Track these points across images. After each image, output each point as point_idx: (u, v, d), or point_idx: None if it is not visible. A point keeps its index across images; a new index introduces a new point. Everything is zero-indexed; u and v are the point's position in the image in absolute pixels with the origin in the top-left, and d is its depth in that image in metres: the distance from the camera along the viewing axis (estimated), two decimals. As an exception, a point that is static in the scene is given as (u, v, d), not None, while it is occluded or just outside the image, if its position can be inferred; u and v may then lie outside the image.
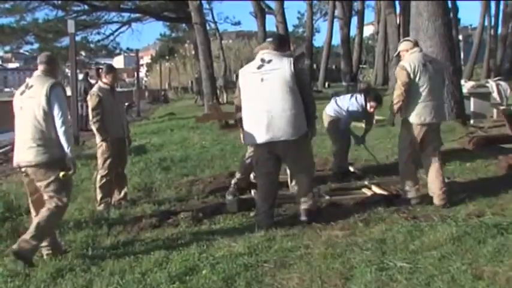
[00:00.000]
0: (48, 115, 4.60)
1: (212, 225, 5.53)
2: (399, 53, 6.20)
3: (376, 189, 6.56)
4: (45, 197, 4.71)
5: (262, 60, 5.34)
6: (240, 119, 5.59)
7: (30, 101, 4.65)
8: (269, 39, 5.66)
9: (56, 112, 4.62)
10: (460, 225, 4.96)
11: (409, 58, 5.97)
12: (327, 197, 6.30)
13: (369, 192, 6.53)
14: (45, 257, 4.70)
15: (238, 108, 5.63)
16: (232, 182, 6.60)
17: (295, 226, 5.35)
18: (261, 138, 5.30)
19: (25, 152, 4.61)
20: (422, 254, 4.32)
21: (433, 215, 5.35)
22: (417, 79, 5.85)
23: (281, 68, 5.23)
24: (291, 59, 5.34)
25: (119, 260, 4.57)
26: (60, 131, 4.61)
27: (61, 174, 4.61)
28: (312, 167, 5.73)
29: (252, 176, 6.73)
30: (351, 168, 7.67)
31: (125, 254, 4.72)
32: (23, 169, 4.72)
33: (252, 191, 6.56)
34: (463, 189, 6.30)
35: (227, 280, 4.04)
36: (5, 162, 9.84)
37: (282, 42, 5.60)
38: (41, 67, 4.85)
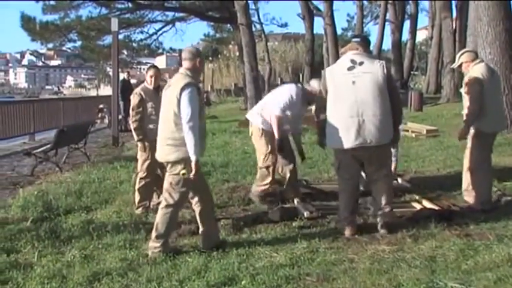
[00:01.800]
0: (178, 117, 4.76)
1: (253, 234, 5.54)
2: (461, 64, 6.35)
3: (427, 204, 6.44)
4: (163, 191, 5.04)
5: (353, 61, 5.31)
6: (322, 121, 5.54)
7: (165, 99, 4.94)
8: (356, 40, 5.63)
9: (184, 115, 4.74)
10: (518, 245, 4.81)
11: (477, 69, 6.15)
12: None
13: (418, 206, 6.41)
14: (150, 254, 4.89)
15: (321, 109, 5.56)
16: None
17: (339, 238, 5.32)
18: (349, 143, 5.28)
19: (160, 148, 5.01)
20: (475, 275, 4.21)
21: (488, 234, 5.21)
22: (488, 89, 6.07)
23: (373, 71, 5.25)
24: (383, 62, 5.38)
25: (157, 266, 4.62)
26: (186, 134, 4.75)
27: (182, 171, 4.84)
28: (391, 176, 5.74)
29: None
30: (399, 180, 7.55)
31: (163, 260, 4.76)
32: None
33: (295, 200, 6.54)
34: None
35: (267, 292, 4.03)
36: (45, 161, 10.07)
37: (368, 44, 5.68)
38: (184, 64, 4.96)
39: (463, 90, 6.31)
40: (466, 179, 6.37)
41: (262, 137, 6.57)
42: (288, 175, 6.76)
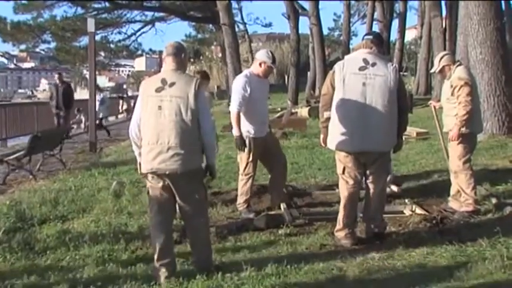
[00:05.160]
0: (196, 117, 4.52)
1: (238, 243, 5.53)
2: (443, 67, 6.44)
3: (417, 209, 6.48)
4: (188, 207, 4.64)
5: (365, 61, 5.23)
6: (327, 119, 5.45)
7: (174, 101, 4.48)
8: (368, 37, 5.53)
9: (204, 115, 4.60)
10: None
11: (461, 71, 6.26)
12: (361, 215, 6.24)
13: (408, 212, 6.45)
14: (162, 280, 4.51)
15: (326, 107, 5.43)
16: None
17: (326, 245, 5.34)
18: (353, 146, 5.25)
19: (168, 159, 4.44)
20: (468, 282, 4.25)
21: (480, 239, 5.25)
22: (474, 90, 6.28)
23: (386, 74, 5.19)
24: (396, 65, 5.36)
25: (137, 277, 4.59)
26: (210, 138, 4.67)
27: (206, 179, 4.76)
28: (386, 186, 5.77)
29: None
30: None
31: (144, 271, 4.74)
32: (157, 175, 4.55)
33: (282, 207, 6.55)
34: (515, 212, 6.19)
35: (253, 303, 4.04)
36: (18, 168, 9.99)
37: (382, 42, 5.62)
38: (175, 59, 4.67)
39: (448, 93, 6.37)
40: (455, 184, 6.44)
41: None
42: (271, 181, 6.84)
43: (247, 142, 6.47)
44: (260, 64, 6.45)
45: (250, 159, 6.55)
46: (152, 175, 4.54)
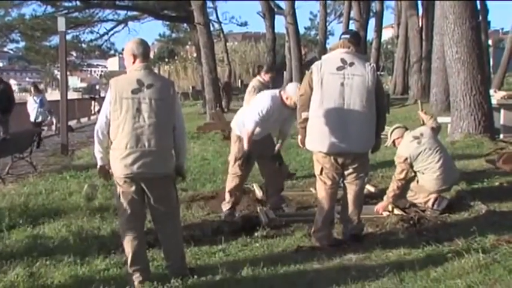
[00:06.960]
0: (173, 120, 4.57)
1: (213, 245, 5.50)
2: (393, 141, 6.88)
3: (395, 210, 6.54)
4: (162, 211, 4.59)
5: (343, 61, 5.22)
6: (304, 120, 5.43)
7: (154, 103, 4.44)
8: (346, 36, 5.49)
9: (180, 117, 4.63)
10: (487, 251, 4.92)
11: (400, 147, 6.73)
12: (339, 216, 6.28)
13: (385, 213, 6.51)
14: (136, 285, 4.48)
15: (304, 108, 5.42)
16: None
17: (304, 247, 5.35)
18: (331, 147, 5.24)
19: (150, 162, 4.41)
20: (445, 283, 4.30)
21: (457, 239, 5.31)
22: (424, 151, 6.54)
23: (364, 74, 5.19)
24: (373, 65, 5.37)
25: (110, 283, 4.55)
26: (184, 140, 4.70)
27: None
28: (364, 189, 5.80)
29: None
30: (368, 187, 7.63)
31: (117, 276, 4.71)
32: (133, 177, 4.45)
33: (258, 209, 6.56)
34: (491, 212, 6.27)
35: (228, 307, 4.04)
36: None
37: (359, 41, 5.63)
38: (146, 58, 4.59)
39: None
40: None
41: (236, 143, 6.53)
42: (268, 185, 6.95)
43: (237, 139, 6.51)
44: (286, 98, 6.29)
45: (238, 157, 6.49)
46: (125, 179, 4.45)
